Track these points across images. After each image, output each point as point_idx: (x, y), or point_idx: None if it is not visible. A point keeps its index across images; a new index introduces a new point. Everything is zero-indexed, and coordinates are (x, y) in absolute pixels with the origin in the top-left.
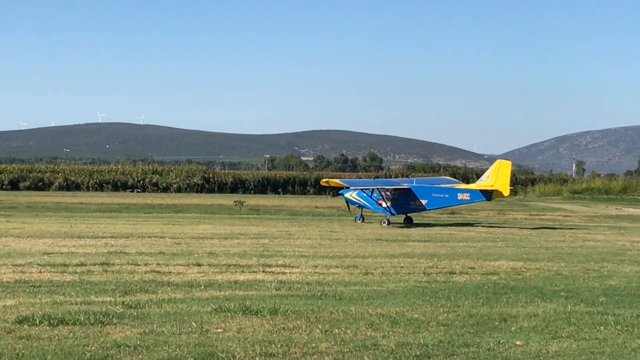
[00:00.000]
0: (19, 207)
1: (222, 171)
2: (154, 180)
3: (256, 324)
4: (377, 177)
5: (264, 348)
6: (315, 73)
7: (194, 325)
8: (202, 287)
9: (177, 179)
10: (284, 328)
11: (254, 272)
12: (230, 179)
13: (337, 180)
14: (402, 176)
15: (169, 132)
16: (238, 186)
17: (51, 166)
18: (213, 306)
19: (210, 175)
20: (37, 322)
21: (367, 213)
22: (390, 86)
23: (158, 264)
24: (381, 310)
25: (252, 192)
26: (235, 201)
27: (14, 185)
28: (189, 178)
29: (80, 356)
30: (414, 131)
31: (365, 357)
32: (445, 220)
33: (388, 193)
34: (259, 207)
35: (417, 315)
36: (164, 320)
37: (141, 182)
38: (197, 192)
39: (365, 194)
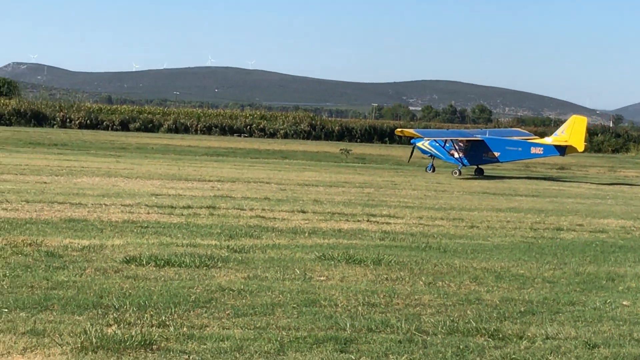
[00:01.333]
0: (129, 148)
1: (329, 119)
2: (261, 125)
3: (359, 273)
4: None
5: (366, 298)
6: (426, 21)
7: (298, 271)
8: (306, 234)
9: (284, 125)
10: (387, 279)
11: (358, 221)
12: (337, 127)
13: (411, 130)
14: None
15: (278, 78)
16: (344, 134)
17: (161, 108)
18: (317, 254)
19: (317, 122)
20: (144, 262)
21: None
22: (502, 37)
23: (263, 210)
24: (486, 264)
25: (358, 140)
26: (341, 149)
27: (124, 126)
28: (296, 124)
29: (185, 298)
30: (525, 84)
31: (468, 311)
32: (553, 175)
33: (461, 144)
34: (365, 156)
35: (522, 271)
36: (267, 265)
37: (248, 127)
38: (303, 138)
39: (437, 144)
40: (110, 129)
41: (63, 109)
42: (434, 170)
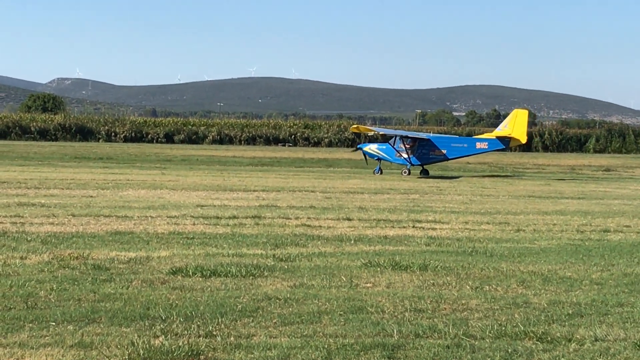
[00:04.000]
0: (174, 160)
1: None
2: (306, 134)
3: (406, 279)
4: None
5: (413, 304)
6: (466, 25)
7: (344, 279)
8: (352, 242)
9: (328, 134)
10: (433, 284)
11: (403, 227)
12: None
13: (366, 127)
14: (557, 132)
15: (321, 87)
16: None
17: (205, 120)
18: (363, 261)
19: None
20: (191, 273)
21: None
22: (545, 38)
23: (309, 218)
24: (533, 267)
25: None
26: None
27: (169, 139)
28: (340, 133)
29: (232, 307)
30: (568, 86)
31: (516, 315)
32: (599, 177)
33: (408, 144)
34: None
35: (569, 274)
36: (314, 273)
37: (293, 136)
38: (347, 146)
39: (384, 147)
40: (155, 141)
41: (108, 122)
42: (381, 173)
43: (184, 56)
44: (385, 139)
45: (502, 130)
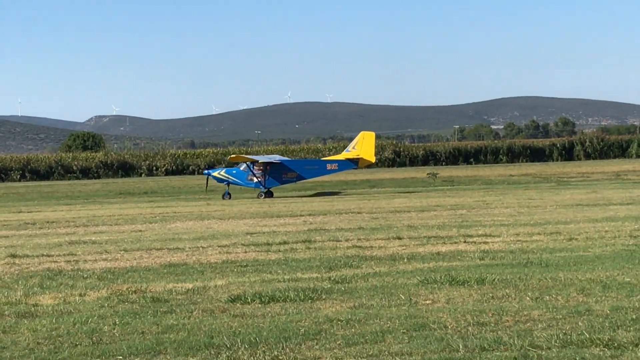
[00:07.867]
0: (218, 190)
1: (412, 144)
2: None
3: (464, 294)
4: None
5: (475, 317)
6: (498, 38)
7: (402, 297)
8: (405, 260)
9: None
10: (493, 297)
11: (455, 242)
12: (421, 152)
13: (243, 155)
14: (598, 139)
15: (357, 109)
16: (429, 158)
17: (244, 149)
18: (419, 278)
19: (401, 149)
20: (249, 300)
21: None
22: (579, 46)
23: (359, 239)
24: (590, 275)
25: (443, 163)
26: (428, 173)
27: (210, 169)
28: (380, 153)
29: (294, 331)
30: (607, 92)
31: (579, 323)
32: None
33: (261, 168)
34: (452, 178)
35: (628, 279)
36: (372, 294)
37: None
38: (388, 166)
39: (235, 171)
40: (196, 173)
41: (149, 157)
42: (230, 197)
43: (218, 87)
44: (233, 164)
45: (351, 151)
